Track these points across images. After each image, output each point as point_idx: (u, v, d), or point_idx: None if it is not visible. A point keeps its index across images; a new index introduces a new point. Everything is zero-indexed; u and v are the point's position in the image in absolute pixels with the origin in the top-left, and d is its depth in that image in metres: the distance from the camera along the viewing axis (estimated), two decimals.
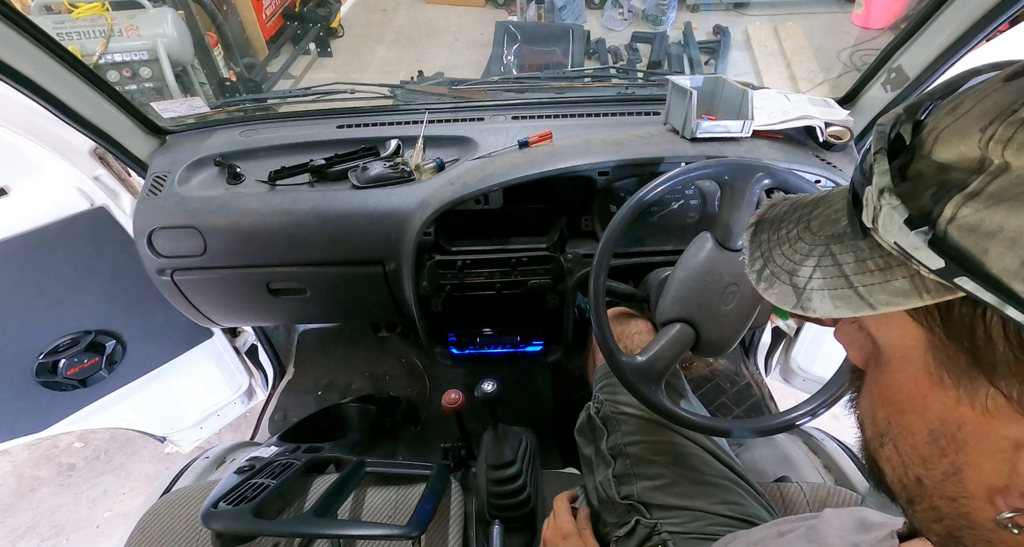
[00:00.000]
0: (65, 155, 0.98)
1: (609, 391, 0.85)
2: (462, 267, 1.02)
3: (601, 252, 0.73)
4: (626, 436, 0.78)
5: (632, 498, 0.71)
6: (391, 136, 1.04)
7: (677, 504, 0.68)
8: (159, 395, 1.38)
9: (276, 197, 0.98)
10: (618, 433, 0.79)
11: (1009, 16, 0.73)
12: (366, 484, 0.88)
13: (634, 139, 0.96)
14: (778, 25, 3.78)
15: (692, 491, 0.69)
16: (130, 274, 1.10)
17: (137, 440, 1.72)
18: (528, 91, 1.24)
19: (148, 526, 0.84)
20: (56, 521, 1.56)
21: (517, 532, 0.88)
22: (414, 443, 1.50)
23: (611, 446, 0.78)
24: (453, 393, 0.94)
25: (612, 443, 0.78)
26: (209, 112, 1.16)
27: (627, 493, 0.72)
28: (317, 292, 1.09)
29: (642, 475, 0.73)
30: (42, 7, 2.18)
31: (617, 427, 0.79)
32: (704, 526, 0.65)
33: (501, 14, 4.17)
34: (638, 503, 0.70)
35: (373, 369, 1.67)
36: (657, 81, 1.30)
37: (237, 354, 1.51)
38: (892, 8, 3.42)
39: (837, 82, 3.23)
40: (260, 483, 0.79)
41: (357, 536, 0.76)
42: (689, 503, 0.68)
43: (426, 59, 3.72)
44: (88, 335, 1.14)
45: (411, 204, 0.96)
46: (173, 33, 2.29)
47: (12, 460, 1.71)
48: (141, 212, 0.99)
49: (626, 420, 0.80)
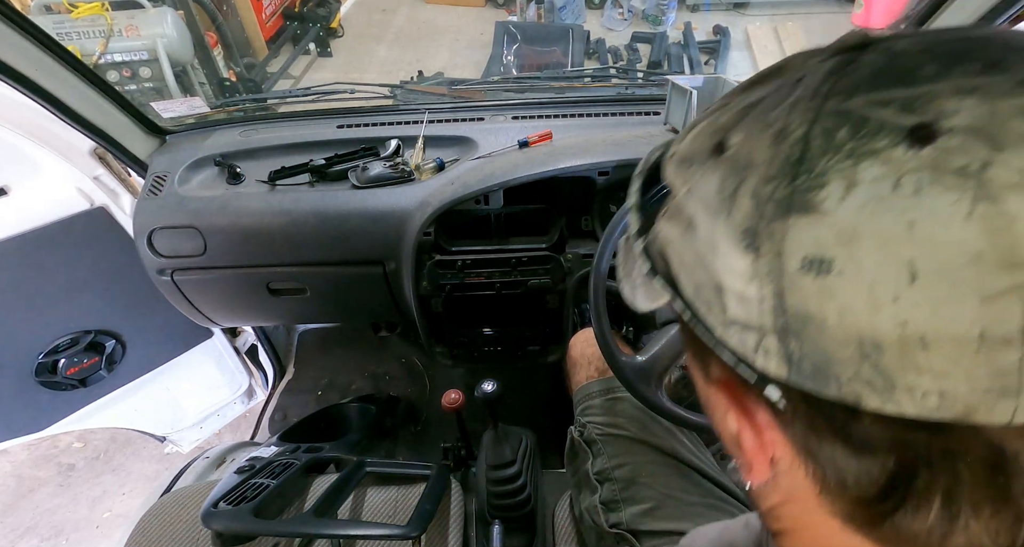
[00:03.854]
0: (65, 155, 0.98)
1: (592, 413, 0.83)
2: (462, 267, 1.02)
3: (601, 252, 0.73)
4: (612, 459, 0.75)
5: (621, 526, 0.68)
6: (391, 136, 1.04)
7: (666, 528, 0.66)
8: (159, 395, 1.38)
9: (276, 197, 0.98)
10: (604, 457, 0.76)
11: (1009, 16, 0.73)
12: (366, 484, 0.88)
13: (634, 139, 0.96)
14: (778, 25, 3.78)
15: (681, 513, 0.67)
16: (130, 274, 1.10)
17: (137, 440, 1.72)
18: (528, 91, 1.24)
19: (148, 526, 0.84)
20: (56, 521, 1.56)
21: (517, 532, 0.88)
22: (414, 443, 1.50)
23: (597, 471, 0.75)
24: (453, 393, 0.94)
25: (599, 467, 0.75)
26: (209, 112, 1.16)
27: (615, 521, 0.69)
28: (317, 292, 1.09)
29: (630, 500, 0.70)
30: (42, 7, 2.18)
31: (602, 450, 0.77)
32: None
33: (501, 14, 4.16)
34: (627, 531, 0.67)
35: (373, 369, 1.67)
36: (657, 81, 1.30)
37: (237, 354, 1.51)
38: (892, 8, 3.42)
39: None
40: (260, 483, 0.79)
41: (357, 536, 0.76)
42: (678, 526, 0.65)
43: (426, 59, 3.72)
44: (88, 335, 1.14)
45: (411, 204, 0.96)
46: (173, 33, 2.29)
47: (12, 460, 1.71)
48: (141, 212, 0.99)
49: (612, 442, 0.77)
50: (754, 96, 0.24)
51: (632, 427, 0.77)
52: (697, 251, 0.24)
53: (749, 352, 0.22)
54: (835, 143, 0.19)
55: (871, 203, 0.18)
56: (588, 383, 0.88)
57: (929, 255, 0.17)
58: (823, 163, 0.19)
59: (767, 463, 0.25)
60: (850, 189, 0.18)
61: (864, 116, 0.19)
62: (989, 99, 0.18)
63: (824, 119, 0.20)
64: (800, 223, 0.19)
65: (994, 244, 0.16)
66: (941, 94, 0.18)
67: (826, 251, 0.19)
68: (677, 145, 0.27)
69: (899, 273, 0.17)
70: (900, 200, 0.18)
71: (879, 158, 0.18)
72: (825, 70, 0.21)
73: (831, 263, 0.19)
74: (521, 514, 0.87)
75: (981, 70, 0.18)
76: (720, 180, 0.23)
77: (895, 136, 0.18)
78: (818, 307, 0.19)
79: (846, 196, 0.18)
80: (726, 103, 0.25)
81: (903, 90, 0.19)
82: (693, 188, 0.24)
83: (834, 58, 0.22)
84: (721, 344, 0.23)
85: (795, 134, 0.20)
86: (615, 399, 0.82)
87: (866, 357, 0.18)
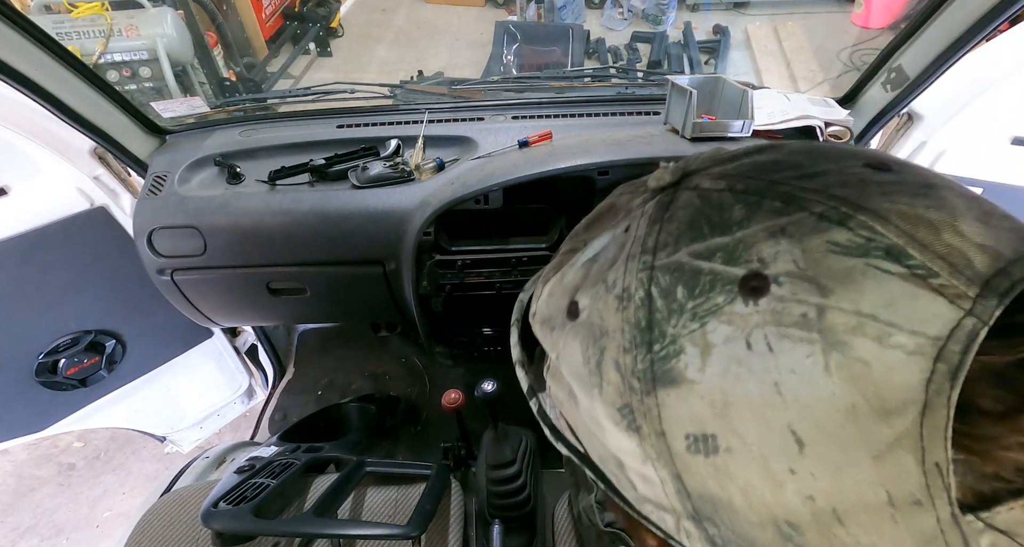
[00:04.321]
0: (65, 155, 0.98)
1: None
2: (462, 267, 1.02)
3: None
4: None
5: (615, 525, 0.68)
6: (391, 136, 1.04)
7: None
8: (159, 395, 1.38)
9: (276, 197, 0.98)
10: None
11: (1009, 16, 0.73)
12: (366, 484, 0.88)
13: (634, 139, 0.96)
14: (778, 25, 3.78)
15: None
16: (130, 274, 1.10)
17: (137, 440, 1.72)
18: (528, 91, 1.24)
19: (148, 526, 0.84)
20: (56, 521, 1.56)
21: (517, 532, 0.88)
22: (414, 443, 1.50)
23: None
24: (453, 393, 0.94)
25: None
26: (209, 112, 1.16)
27: (610, 519, 0.68)
28: (317, 292, 1.09)
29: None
30: (42, 7, 2.18)
31: None
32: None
33: (501, 14, 4.16)
34: (620, 530, 0.68)
35: (373, 369, 1.67)
36: (657, 81, 1.30)
37: (237, 354, 1.51)
38: (892, 8, 3.42)
39: (837, 82, 3.23)
40: (260, 483, 0.79)
41: (357, 536, 0.76)
42: None
43: (426, 59, 3.72)
44: (88, 335, 1.14)
45: (411, 204, 0.96)
46: (173, 33, 2.29)
47: (12, 460, 1.71)
48: (141, 212, 0.99)
49: None
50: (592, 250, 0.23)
51: None
52: (586, 424, 0.23)
53: (672, 532, 0.21)
54: (677, 303, 0.19)
55: (732, 367, 0.17)
56: None
57: (806, 417, 0.16)
58: (672, 328, 0.19)
59: None
60: (706, 355, 0.18)
61: (695, 269, 0.19)
62: (797, 239, 0.17)
63: (658, 277, 0.19)
64: (671, 397, 0.19)
65: (862, 394, 0.15)
66: (756, 239, 0.18)
67: (706, 426, 0.18)
68: (536, 303, 0.27)
69: (785, 442, 0.16)
70: (758, 360, 0.17)
71: (722, 317, 0.18)
72: (648, 217, 0.21)
73: (715, 439, 0.18)
74: (521, 514, 0.87)
75: (781, 208, 0.18)
76: (582, 349, 0.22)
77: (729, 291, 0.18)
78: (720, 489, 0.18)
79: (704, 363, 0.18)
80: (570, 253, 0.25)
81: (721, 238, 0.19)
82: (560, 355, 0.24)
83: (653, 201, 0.22)
84: (645, 519, 0.22)
85: (637, 296, 0.20)
86: None
87: (788, 539, 0.17)
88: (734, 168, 0.21)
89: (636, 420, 0.20)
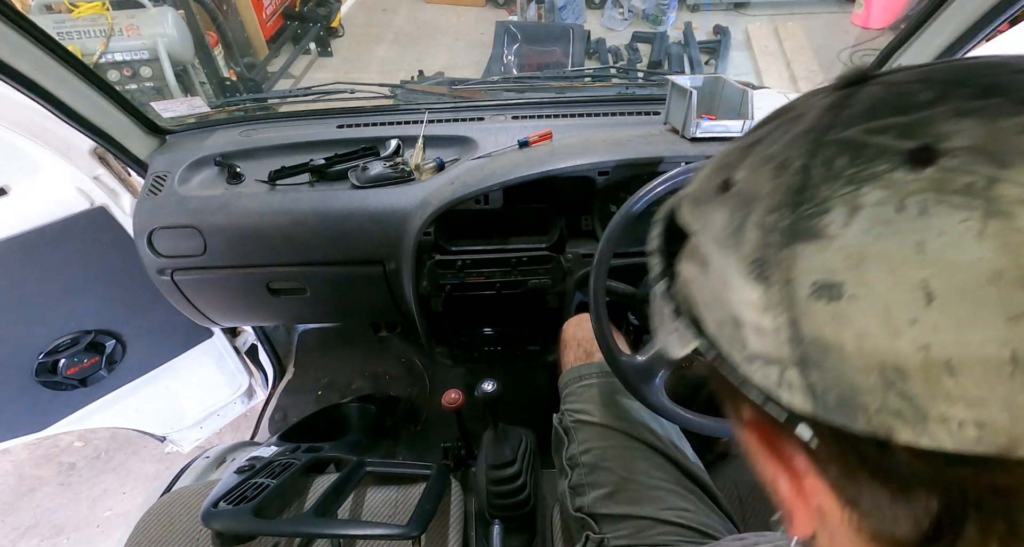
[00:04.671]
0: (65, 155, 0.98)
1: (569, 400, 0.84)
2: (462, 267, 1.02)
3: (601, 252, 0.73)
4: (581, 445, 0.76)
5: (583, 510, 0.69)
6: (391, 136, 1.04)
7: (625, 512, 0.66)
8: (159, 395, 1.38)
9: (276, 197, 0.98)
10: (575, 443, 0.77)
11: (1009, 16, 0.73)
12: (366, 484, 0.88)
13: (634, 139, 0.96)
14: (778, 25, 3.78)
15: (640, 497, 0.67)
16: (130, 274, 1.10)
17: (137, 440, 1.72)
18: (528, 91, 1.24)
19: (148, 526, 0.84)
20: (56, 520, 1.56)
21: (517, 532, 0.88)
22: (414, 443, 1.50)
23: (568, 456, 0.76)
24: (453, 393, 0.94)
25: (570, 453, 0.76)
26: (209, 112, 1.16)
27: (579, 505, 0.70)
28: (317, 292, 1.09)
29: (593, 484, 0.71)
30: (42, 7, 2.18)
31: (574, 436, 0.78)
32: (652, 535, 0.63)
33: (501, 14, 4.16)
34: (587, 516, 0.68)
35: (373, 369, 1.67)
36: (657, 81, 1.30)
37: (237, 354, 1.51)
38: (892, 8, 3.42)
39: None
40: (260, 483, 0.79)
41: (357, 536, 0.76)
42: (636, 510, 0.66)
43: (426, 59, 3.72)
44: (88, 335, 1.14)
45: (411, 204, 0.96)
46: (173, 33, 2.29)
47: (12, 459, 1.71)
48: (141, 212, 0.99)
49: (581, 428, 0.78)
50: (757, 135, 0.24)
51: (598, 413, 0.78)
52: (713, 287, 0.24)
53: (773, 387, 0.21)
54: (835, 171, 0.19)
55: (876, 226, 0.18)
56: (567, 371, 0.89)
57: (943, 275, 0.17)
58: (824, 191, 0.19)
59: (808, 513, 0.24)
60: (853, 214, 0.18)
61: (862, 143, 0.19)
62: (988, 119, 0.17)
63: (823, 149, 0.20)
64: (807, 250, 0.19)
65: (1014, 262, 0.16)
66: (939, 118, 0.18)
67: (835, 276, 0.18)
68: (690, 187, 0.28)
69: (913, 295, 0.17)
70: (906, 222, 0.17)
71: (880, 182, 0.18)
72: (824, 105, 0.22)
73: (841, 287, 0.18)
74: (521, 514, 0.87)
75: (978, 94, 0.18)
76: (728, 215, 0.23)
77: (894, 160, 0.18)
78: (834, 334, 0.19)
79: (850, 221, 0.18)
80: (732, 145, 0.26)
81: (901, 117, 0.19)
82: (704, 226, 0.25)
83: (833, 94, 0.22)
84: (747, 381, 0.22)
85: (795, 165, 0.20)
86: (586, 386, 0.84)
87: (891, 385, 0.17)
88: (931, 65, 0.21)
89: (766, 270, 0.20)
